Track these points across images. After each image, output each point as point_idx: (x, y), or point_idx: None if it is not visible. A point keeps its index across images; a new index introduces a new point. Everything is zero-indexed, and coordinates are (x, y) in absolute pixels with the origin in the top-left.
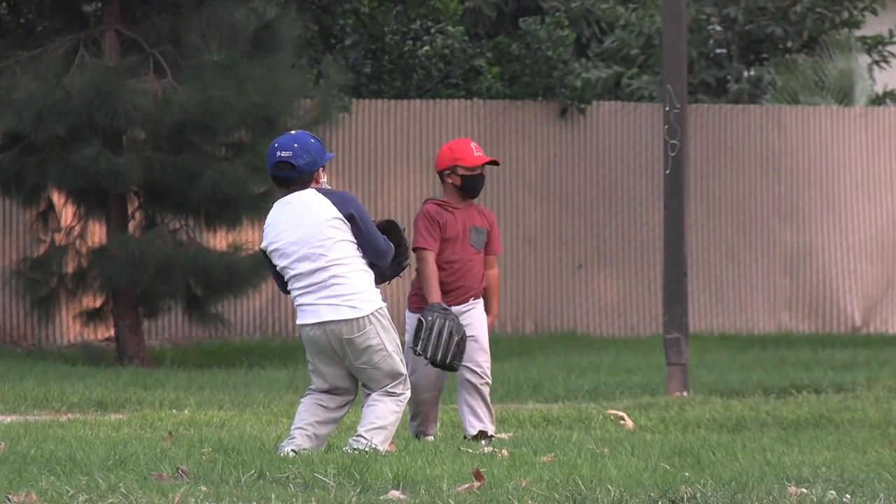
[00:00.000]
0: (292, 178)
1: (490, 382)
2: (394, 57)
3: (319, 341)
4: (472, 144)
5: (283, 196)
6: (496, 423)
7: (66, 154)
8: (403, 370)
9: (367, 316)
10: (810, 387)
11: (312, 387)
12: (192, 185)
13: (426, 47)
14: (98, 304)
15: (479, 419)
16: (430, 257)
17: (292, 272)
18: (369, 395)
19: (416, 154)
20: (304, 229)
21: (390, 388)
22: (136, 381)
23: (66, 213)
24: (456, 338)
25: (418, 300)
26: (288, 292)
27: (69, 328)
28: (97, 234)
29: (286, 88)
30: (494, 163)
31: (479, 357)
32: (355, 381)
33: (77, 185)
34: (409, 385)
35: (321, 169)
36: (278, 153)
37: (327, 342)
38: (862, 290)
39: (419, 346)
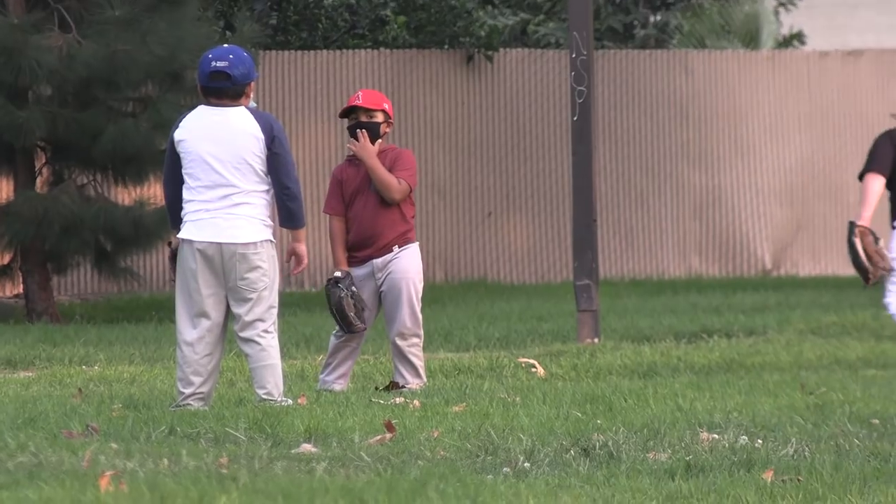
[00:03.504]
0: (226, 88)
1: (415, 335)
2: (299, 8)
3: (207, 254)
4: (359, 92)
5: (212, 105)
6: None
7: None
8: (276, 308)
9: (266, 241)
10: (721, 331)
11: (187, 339)
12: (97, 142)
13: None
14: (6, 260)
15: (401, 375)
16: (332, 221)
17: (197, 182)
18: (246, 339)
19: (324, 105)
20: (227, 148)
21: (266, 327)
22: (45, 337)
23: None
24: (348, 307)
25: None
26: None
27: None
28: (5, 190)
29: (192, 42)
30: (357, 110)
31: (401, 312)
32: (225, 313)
33: None
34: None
35: (251, 84)
36: (213, 63)
37: (219, 258)
38: (772, 234)
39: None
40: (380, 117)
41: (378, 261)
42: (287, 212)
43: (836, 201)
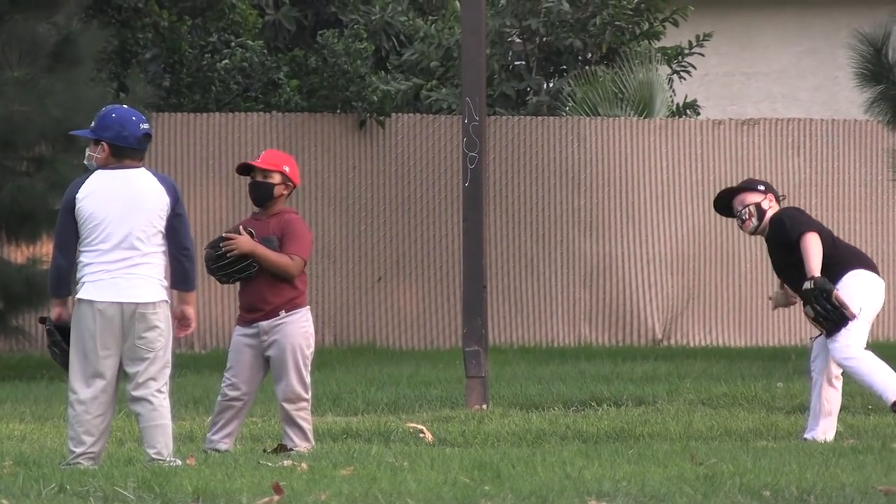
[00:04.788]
0: (144, 149)
1: (303, 399)
2: (192, 70)
3: (107, 315)
4: (263, 152)
5: (113, 168)
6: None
7: None
8: (169, 369)
9: (163, 301)
10: (610, 400)
11: (79, 397)
12: None
13: (225, 61)
14: None
15: (290, 439)
16: None
17: (99, 245)
18: (138, 398)
19: (216, 167)
20: (131, 209)
21: (159, 387)
22: None
23: None
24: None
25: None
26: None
27: None
28: None
29: (87, 102)
30: (252, 169)
31: (288, 376)
32: (117, 374)
33: None
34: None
35: None
36: (142, 125)
37: (119, 318)
38: (662, 303)
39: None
40: (276, 178)
41: (264, 324)
42: (183, 273)
43: (727, 271)
